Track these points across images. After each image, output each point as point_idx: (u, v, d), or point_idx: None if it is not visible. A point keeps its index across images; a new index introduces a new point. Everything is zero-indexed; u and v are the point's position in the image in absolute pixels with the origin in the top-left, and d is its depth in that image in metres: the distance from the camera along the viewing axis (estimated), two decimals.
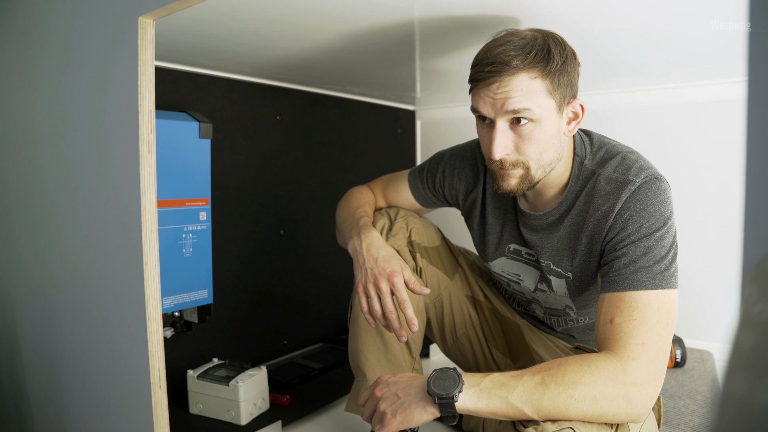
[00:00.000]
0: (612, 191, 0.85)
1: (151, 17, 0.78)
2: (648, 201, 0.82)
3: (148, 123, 0.80)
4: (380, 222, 1.09)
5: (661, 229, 0.81)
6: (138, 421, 0.86)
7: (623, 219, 0.83)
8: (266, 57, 1.22)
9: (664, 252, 0.81)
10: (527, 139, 0.84)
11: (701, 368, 1.39)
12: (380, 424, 0.79)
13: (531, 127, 0.83)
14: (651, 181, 0.83)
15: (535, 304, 1.09)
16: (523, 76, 0.80)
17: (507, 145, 0.85)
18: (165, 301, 1.11)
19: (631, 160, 0.87)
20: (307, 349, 1.62)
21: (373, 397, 0.82)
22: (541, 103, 0.82)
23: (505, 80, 0.81)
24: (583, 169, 0.91)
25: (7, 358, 1.21)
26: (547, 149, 0.85)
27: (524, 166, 0.86)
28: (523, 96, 0.81)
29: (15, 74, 1.09)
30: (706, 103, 1.50)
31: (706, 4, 0.88)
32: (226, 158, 1.37)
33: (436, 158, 1.14)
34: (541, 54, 0.80)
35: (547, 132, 0.84)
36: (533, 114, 0.81)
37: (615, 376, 0.73)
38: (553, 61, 0.81)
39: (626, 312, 0.78)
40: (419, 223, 1.11)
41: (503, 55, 0.80)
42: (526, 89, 0.81)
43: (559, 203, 0.93)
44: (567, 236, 0.93)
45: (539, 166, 0.87)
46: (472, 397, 0.75)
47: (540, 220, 0.95)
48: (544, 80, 0.81)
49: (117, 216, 0.86)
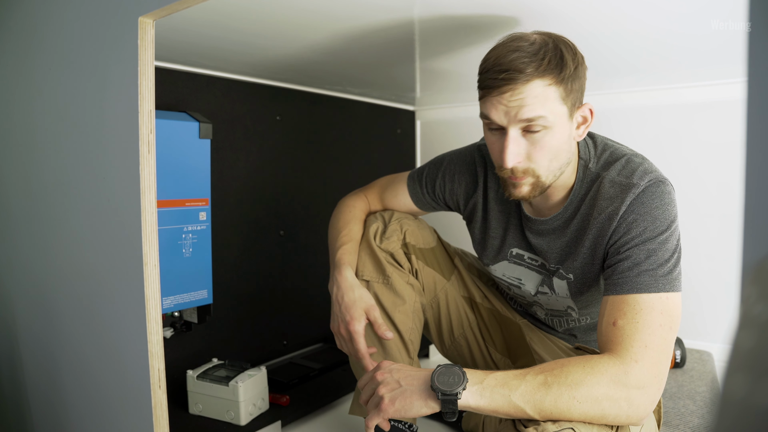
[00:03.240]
0: (616, 194, 0.85)
1: (151, 17, 0.78)
2: (652, 204, 0.82)
3: (147, 123, 0.80)
4: (374, 225, 1.09)
5: (665, 233, 0.81)
6: (137, 421, 0.86)
7: (627, 222, 0.83)
8: (266, 57, 1.22)
9: (668, 255, 0.81)
10: (539, 146, 0.83)
11: (701, 369, 1.39)
12: (377, 408, 0.78)
13: (543, 134, 0.82)
14: (655, 185, 0.83)
15: (536, 307, 1.09)
16: (538, 83, 0.79)
17: (519, 153, 0.84)
18: (165, 302, 1.11)
19: (635, 163, 0.87)
20: (306, 350, 1.62)
21: (373, 380, 0.82)
22: (554, 109, 0.81)
23: (519, 88, 0.79)
24: (588, 172, 0.91)
25: (7, 358, 1.21)
26: (558, 155, 0.85)
27: (534, 174, 0.85)
28: (538, 103, 0.79)
29: (15, 74, 1.09)
30: (705, 104, 1.50)
31: (706, 4, 0.88)
32: (226, 158, 1.37)
33: (436, 163, 1.13)
34: (555, 60, 0.79)
35: (559, 138, 0.83)
36: (547, 121, 0.81)
37: (617, 378, 0.73)
38: (567, 67, 0.80)
39: (629, 315, 0.78)
40: (414, 225, 1.11)
41: (517, 62, 0.79)
42: (541, 96, 0.79)
43: (565, 207, 0.92)
44: (573, 239, 0.93)
45: (549, 172, 0.86)
46: (474, 394, 0.75)
47: (546, 224, 0.95)
48: (558, 87, 0.80)
49: (117, 216, 0.86)
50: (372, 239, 1.07)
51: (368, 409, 0.80)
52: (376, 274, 1.06)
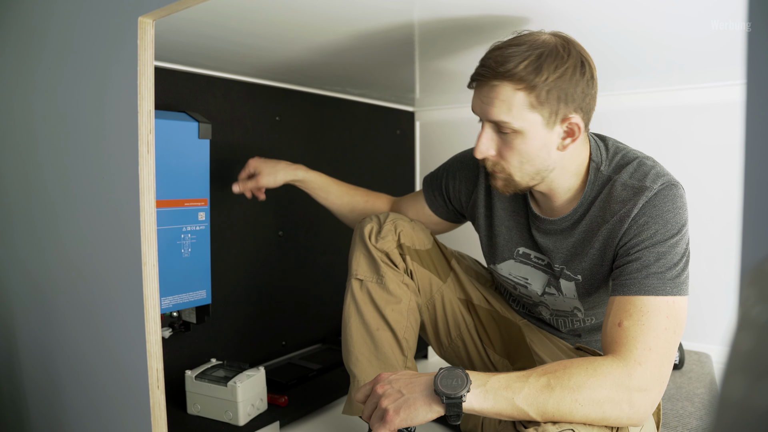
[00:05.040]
0: (629, 197, 0.85)
1: (151, 17, 0.78)
2: (664, 207, 0.82)
3: (147, 123, 0.80)
4: (369, 225, 1.09)
5: (676, 236, 0.81)
6: (136, 422, 0.86)
7: (639, 224, 0.83)
8: (266, 58, 1.22)
9: (677, 259, 0.81)
10: (509, 147, 0.85)
11: (699, 370, 1.39)
12: (381, 421, 0.76)
13: (513, 136, 0.84)
14: (668, 188, 0.83)
15: (541, 307, 1.09)
16: (507, 86, 0.80)
17: (489, 147, 0.86)
18: (163, 302, 1.10)
19: (647, 166, 0.87)
20: (305, 350, 1.62)
21: (374, 394, 0.80)
22: (523, 116, 0.81)
23: (490, 86, 0.82)
24: (599, 174, 0.90)
25: (5, 357, 1.21)
26: (531, 161, 0.85)
27: (505, 171, 0.88)
28: (503, 108, 0.81)
29: (15, 74, 1.09)
30: (705, 106, 1.50)
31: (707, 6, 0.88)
32: (225, 159, 1.37)
33: (444, 163, 1.16)
34: (532, 66, 0.79)
35: (531, 145, 0.84)
36: (513, 126, 0.82)
37: (620, 381, 0.73)
38: (540, 75, 0.79)
39: (635, 316, 0.78)
40: (408, 226, 1.11)
41: (498, 58, 0.81)
42: (507, 101, 0.81)
43: (575, 209, 0.92)
44: (580, 240, 0.92)
45: (523, 174, 0.88)
46: (478, 397, 0.74)
47: (555, 224, 0.95)
48: (528, 94, 0.80)
49: (116, 216, 0.86)
50: (367, 238, 1.08)
51: (372, 423, 0.78)
52: (371, 273, 1.07)
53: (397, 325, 1.06)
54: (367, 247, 1.08)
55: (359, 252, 1.09)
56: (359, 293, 1.07)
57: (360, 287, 1.08)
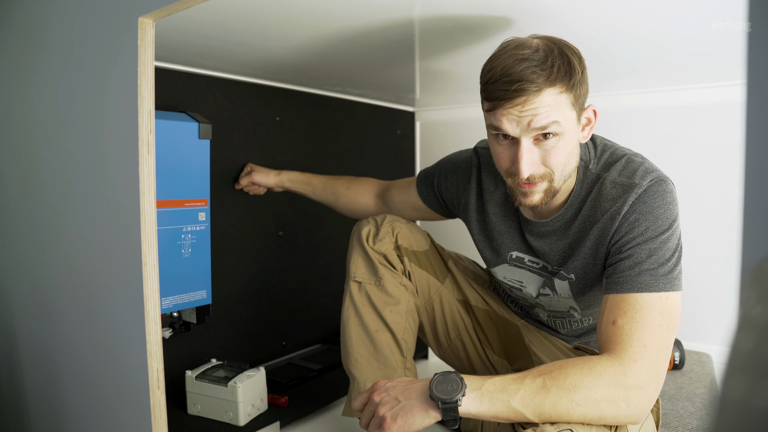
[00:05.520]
0: (618, 195, 0.85)
1: (151, 18, 0.78)
2: (654, 204, 0.82)
3: (147, 123, 0.80)
4: (366, 228, 1.10)
5: (667, 232, 0.81)
6: (136, 422, 0.86)
7: (629, 221, 0.83)
8: (266, 58, 1.22)
9: (669, 254, 0.81)
10: (553, 152, 0.83)
11: (700, 370, 1.39)
12: (379, 429, 0.77)
13: (556, 140, 0.82)
14: (657, 184, 0.83)
15: (538, 309, 1.09)
16: (549, 92, 0.79)
17: (534, 161, 0.83)
18: (164, 302, 1.10)
19: (636, 162, 0.87)
20: (305, 350, 1.62)
21: (371, 402, 0.81)
22: (566, 115, 0.81)
23: (532, 98, 0.79)
24: (588, 173, 0.91)
25: (6, 358, 1.21)
26: (570, 159, 0.86)
27: (549, 178, 0.85)
28: (551, 111, 0.79)
29: (15, 74, 1.09)
30: (705, 106, 1.50)
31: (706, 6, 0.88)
32: (225, 159, 1.37)
33: (436, 164, 1.16)
34: (564, 68, 0.79)
35: (570, 143, 0.84)
36: (560, 128, 0.81)
37: (616, 379, 0.73)
38: (575, 73, 0.80)
39: (629, 314, 0.78)
40: (405, 228, 1.11)
41: (527, 72, 0.78)
42: (553, 104, 0.79)
43: (565, 209, 0.92)
44: (573, 241, 0.93)
45: (562, 176, 0.86)
46: (474, 401, 0.74)
47: (547, 226, 0.95)
48: (569, 94, 0.81)
49: (116, 216, 0.86)
50: (365, 241, 1.08)
51: (370, 431, 0.79)
52: (369, 275, 1.07)
53: (396, 327, 1.06)
54: (365, 249, 1.08)
55: (357, 254, 1.09)
56: (358, 295, 1.08)
57: (358, 289, 1.08)
